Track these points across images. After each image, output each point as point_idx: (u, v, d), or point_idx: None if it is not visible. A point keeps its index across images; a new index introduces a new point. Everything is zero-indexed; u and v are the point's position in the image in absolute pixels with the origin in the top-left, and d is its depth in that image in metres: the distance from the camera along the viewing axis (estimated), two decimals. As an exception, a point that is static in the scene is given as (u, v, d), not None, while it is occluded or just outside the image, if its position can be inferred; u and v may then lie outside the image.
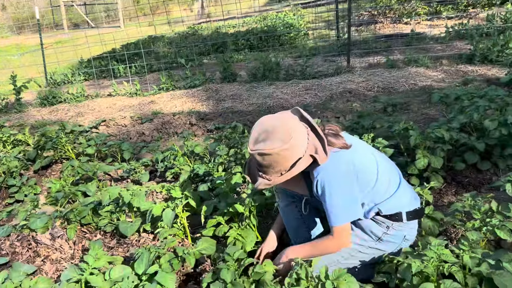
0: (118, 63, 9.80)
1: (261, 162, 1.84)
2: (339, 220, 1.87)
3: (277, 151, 1.77)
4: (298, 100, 5.94)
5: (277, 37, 10.89)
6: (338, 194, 1.84)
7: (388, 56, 7.21)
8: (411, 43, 8.51)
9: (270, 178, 1.88)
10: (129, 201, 2.62)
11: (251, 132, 1.87)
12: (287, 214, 2.26)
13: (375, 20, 12.14)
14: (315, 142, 1.83)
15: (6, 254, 2.60)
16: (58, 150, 4.36)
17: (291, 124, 1.84)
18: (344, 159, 1.88)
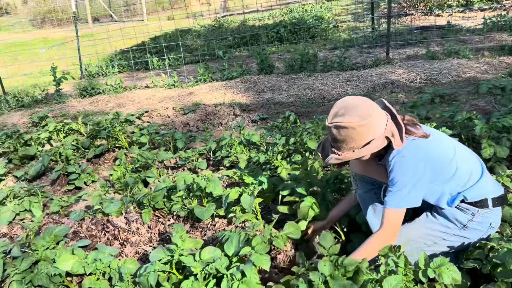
0: (152, 55, 9.87)
1: (336, 135, 1.86)
2: (395, 202, 1.88)
3: (353, 125, 1.80)
4: (340, 91, 5.92)
5: (307, 29, 10.84)
6: (404, 178, 1.85)
7: (428, 48, 7.12)
8: (447, 35, 8.39)
9: (341, 153, 1.91)
10: (204, 186, 2.65)
11: (332, 108, 1.91)
12: (366, 200, 2.27)
13: (405, 12, 11.99)
14: (393, 128, 1.86)
15: (84, 237, 2.66)
16: (110, 139, 4.43)
17: (372, 104, 1.88)
18: (422, 147, 1.89)
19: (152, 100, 6.73)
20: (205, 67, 7.57)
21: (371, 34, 9.18)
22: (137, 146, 4.31)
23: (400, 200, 1.87)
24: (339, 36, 10.23)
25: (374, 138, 1.84)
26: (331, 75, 6.61)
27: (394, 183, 1.87)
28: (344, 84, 6.18)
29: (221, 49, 9.88)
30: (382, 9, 12.79)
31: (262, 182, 2.65)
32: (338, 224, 2.41)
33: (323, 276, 1.79)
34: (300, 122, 4.37)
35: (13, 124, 6.32)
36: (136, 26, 9.78)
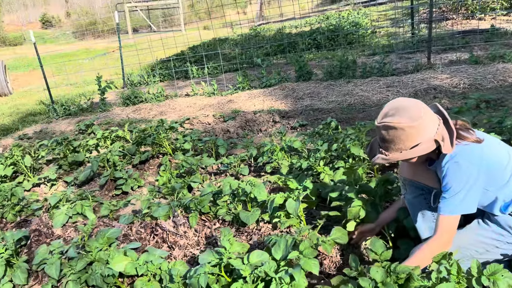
0: (191, 64, 10.09)
1: (385, 136, 1.86)
2: (450, 208, 1.84)
3: (403, 126, 1.79)
4: (380, 97, 5.86)
5: (345, 36, 10.80)
6: (459, 183, 1.82)
7: (471, 52, 6.95)
8: (491, 38, 8.16)
9: (388, 154, 1.90)
10: (250, 191, 2.70)
11: (382, 108, 1.91)
12: (415, 206, 2.24)
13: (446, 17, 11.74)
14: (444, 132, 1.84)
15: (134, 240, 2.75)
16: (155, 146, 4.56)
17: (424, 107, 1.86)
18: (475, 152, 1.86)
19: (192, 108, 6.87)
20: (244, 75, 7.67)
21: (411, 40, 9.05)
22: (181, 152, 4.41)
23: (454, 206, 1.84)
24: (378, 42, 10.13)
25: (422, 141, 1.83)
26: (371, 81, 6.56)
27: (448, 189, 1.84)
28: (384, 90, 6.11)
29: (258, 57, 9.99)
30: (421, 14, 12.57)
31: (307, 187, 2.67)
32: (386, 229, 2.39)
33: (373, 282, 1.78)
34: (341, 128, 4.35)
35: (61, 132, 6.60)
36: (175, 36, 10.01)
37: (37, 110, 8.93)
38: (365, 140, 3.43)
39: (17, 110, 9.43)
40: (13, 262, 2.62)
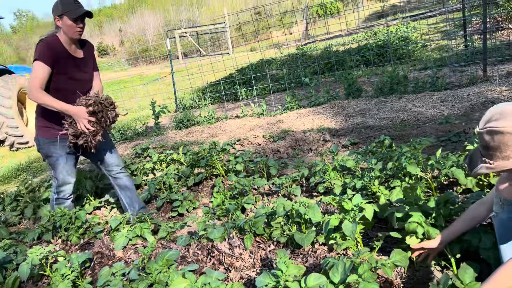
0: (240, 86, 10.28)
1: (489, 142, 1.74)
2: None
3: (510, 130, 1.66)
4: (435, 113, 5.69)
5: (394, 51, 10.63)
6: None
7: (531, 62, 6.63)
8: (552, 46, 7.76)
9: (493, 162, 1.77)
10: (304, 212, 2.69)
11: (484, 114, 1.79)
12: (507, 228, 2.05)
13: (501, 27, 11.28)
14: None
15: (192, 262, 2.81)
16: (208, 168, 4.66)
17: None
18: None
19: (242, 129, 6.97)
20: (292, 94, 7.71)
21: (465, 52, 8.76)
22: (233, 173, 4.48)
23: None
24: (429, 55, 9.89)
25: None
26: (423, 96, 6.39)
27: None
28: (439, 104, 5.93)
29: (306, 76, 10.02)
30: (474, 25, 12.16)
31: (363, 208, 2.62)
32: (448, 250, 2.29)
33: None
34: (395, 145, 4.26)
35: (119, 156, 6.88)
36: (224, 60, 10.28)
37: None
38: (422, 158, 3.34)
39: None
40: (79, 284, 2.74)
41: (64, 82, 3.39)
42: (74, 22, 3.27)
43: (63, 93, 3.38)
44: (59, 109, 3.25)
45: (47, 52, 3.24)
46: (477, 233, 2.30)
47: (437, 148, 4.25)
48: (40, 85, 3.21)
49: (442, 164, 3.23)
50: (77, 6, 3.31)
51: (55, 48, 3.30)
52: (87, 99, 3.34)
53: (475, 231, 2.32)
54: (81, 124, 3.29)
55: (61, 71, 3.35)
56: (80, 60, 3.51)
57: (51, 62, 3.25)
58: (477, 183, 3.06)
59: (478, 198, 2.67)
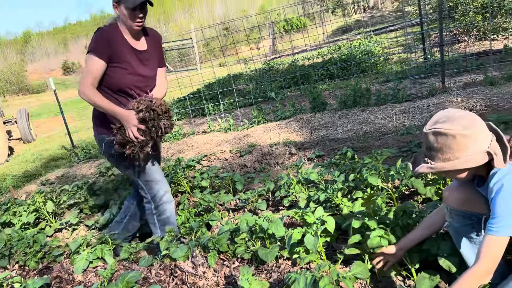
0: (207, 102, 10.27)
1: (433, 143, 1.79)
2: (499, 229, 1.72)
3: (454, 133, 1.72)
4: (396, 124, 5.83)
5: (357, 65, 10.88)
6: (508, 205, 1.71)
7: (486, 73, 6.90)
8: (505, 58, 8.11)
9: (434, 163, 1.82)
10: (267, 227, 2.67)
11: (433, 116, 1.86)
12: (461, 233, 2.14)
13: (458, 40, 11.75)
14: (497, 149, 1.76)
15: (154, 283, 2.74)
16: (173, 185, 4.59)
17: (478, 119, 1.79)
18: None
19: (209, 144, 6.93)
20: (259, 109, 7.75)
21: (424, 64, 9.05)
22: (199, 190, 4.43)
23: (504, 228, 1.72)
24: (391, 68, 10.16)
25: (473, 153, 1.75)
26: (386, 108, 6.54)
27: (497, 211, 1.74)
28: (400, 116, 6.08)
29: (272, 90, 10.11)
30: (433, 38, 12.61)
31: (325, 221, 2.63)
32: (408, 259, 2.32)
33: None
34: (358, 157, 4.32)
35: (83, 175, 6.72)
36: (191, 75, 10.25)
37: (59, 155, 9.15)
38: (382, 169, 3.39)
39: (40, 156, 9.68)
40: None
41: (123, 78, 2.95)
42: (131, 12, 2.80)
43: (121, 92, 2.99)
44: (107, 110, 2.87)
45: (102, 43, 2.82)
46: (435, 241, 2.35)
47: (398, 158, 4.35)
48: (92, 82, 2.83)
49: (402, 175, 3.30)
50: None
51: (112, 38, 2.86)
52: (138, 103, 2.91)
53: (434, 239, 2.37)
54: (129, 131, 2.86)
55: (120, 66, 2.91)
56: (143, 53, 3.04)
57: (107, 55, 2.84)
58: (436, 192, 3.13)
59: (434, 207, 2.74)
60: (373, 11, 32.00)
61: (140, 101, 2.91)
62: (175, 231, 3.16)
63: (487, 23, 10.80)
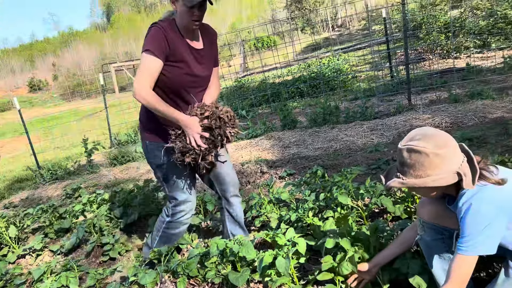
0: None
1: (406, 159, 1.83)
2: (468, 248, 1.77)
3: (427, 151, 1.76)
4: (365, 141, 5.91)
5: (327, 82, 11.04)
6: (478, 226, 1.76)
7: (450, 91, 7.12)
8: (468, 76, 8.40)
9: (406, 178, 1.86)
10: (237, 251, 2.63)
11: (408, 133, 1.90)
12: (432, 248, 2.17)
13: (423, 58, 12.13)
14: (466, 170, 1.80)
15: (121, 311, 2.64)
16: (142, 207, 4.49)
17: (452, 139, 1.84)
18: (494, 192, 1.80)
19: (180, 163, 6.84)
20: (230, 127, 7.72)
21: (391, 82, 9.28)
22: (168, 211, 4.34)
23: (473, 247, 1.77)
24: (359, 86, 10.36)
25: (444, 172, 1.79)
26: (354, 126, 6.64)
27: (466, 231, 1.78)
28: (368, 133, 6.18)
29: (243, 108, 10.12)
30: (399, 57, 12.98)
31: (296, 242, 2.61)
32: (381, 278, 2.32)
33: None
34: (328, 175, 4.34)
35: (48, 198, 6.50)
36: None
37: (24, 176, 8.85)
38: (352, 188, 3.41)
39: (4, 177, 9.34)
40: None
41: (179, 77, 2.74)
42: (189, 9, 2.59)
43: (175, 93, 2.79)
44: (168, 115, 2.64)
45: (159, 41, 2.62)
46: (405, 260, 2.36)
47: (367, 176, 4.39)
48: (149, 83, 2.62)
49: (372, 193, 3.33)
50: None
51: (169, 35, 2.65)
52: (202, 109, 2.71)
53: (404, 258, 2.38)
54: (192, 139, 2.66)
55: (177, 65, 2.71)
56: (200, 51, 2.82)
57: (164, 54, 2.63)
58: (404, 210, 3.17)
59: (405, 225, 2.77)
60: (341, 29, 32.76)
61: (203, 107, 2.74)
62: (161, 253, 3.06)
63: (450, 42, 11.19)
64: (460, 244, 1.80)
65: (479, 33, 11.28)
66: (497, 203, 1.77)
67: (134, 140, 9.48)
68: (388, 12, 11.92)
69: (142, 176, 6.62)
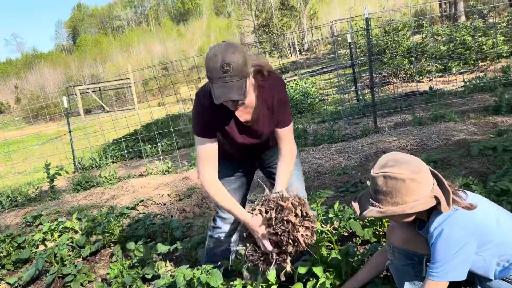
0: (145, 143, 10.01)
1: (382, 187, 1.79)
2: (439, 274, 1.76)
3: (404, 177, 1.74)
4: (333, 164, 5.95)
5: (294, 105, 11.16)
6: (449, 251, 1.76)
7: (414, 114, 7.30)
8: (431, 99, 8.66)
9: (383, 207, 1.82)
10: (206, 280, 2.54)
11: (378, 160, 1.86)
12: (402, 273, 2.17)
13: (388, 81, 12.47)
14: (439, 193, 1.79)
15: None
16: (106, 235, 4.32)
17: (423, 164, 1.83)
18: (465, 217, 1.81)
19: (147, 188, 6.69)
20: (198, 150, 7.63)
21: (357, 105, 9.46)
22: (134, 239, 4.19)
23: (444, 273, 1.76)
24: (326, 109, 10.51)
25: (420, 197, 1.77)
26: (322, 148, 6.69)
27: (437, 256, 1.77)
28: (336, 156, 6.23)
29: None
30: (365, 80, 13.30)
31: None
32: None
33: None
34: (298, 200, 4.31)
35: (7, 226, 6.18)
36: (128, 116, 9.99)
37: (-19, 203, 8.41)
38: (321, 211, 3.39)
39: (-41, 205, 8.85)
40: None
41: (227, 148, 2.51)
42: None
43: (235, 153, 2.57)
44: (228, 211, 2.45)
45: (199, 117, 2.34)
46: (376, 286, 2.34)
47: (336, 199, 4.40)
48: (207, 168, 2.36)
49: (341, 217, 3.32)
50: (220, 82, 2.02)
51: (207, 111, 2.31)
52: (263, 205, 2.25)
53: (374, 283, 2.36)
54: (260, 243, 2.26)
55: (221, 138, 2.43)
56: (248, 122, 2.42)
57: (210, 130, 2.36)
58: (373, 233, 3.17)
59: (375, 249, 2.76)
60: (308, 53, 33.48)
61: (266, 202, 2.24)
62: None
63: (413, 66, 11.57)
64: (431, 270, 1.79)
65: (440, 58, 11.72)
66: (468, 228, 1.78)
67: (99, 165, 9.23)
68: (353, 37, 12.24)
69: (107, 201, 6.41)
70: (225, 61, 1.94)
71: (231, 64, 1.95)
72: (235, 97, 2.02)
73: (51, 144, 16.41)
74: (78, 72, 48.79)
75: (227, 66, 1.95)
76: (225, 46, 2.00)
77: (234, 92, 2.00)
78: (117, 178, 7.61)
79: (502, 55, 10.97)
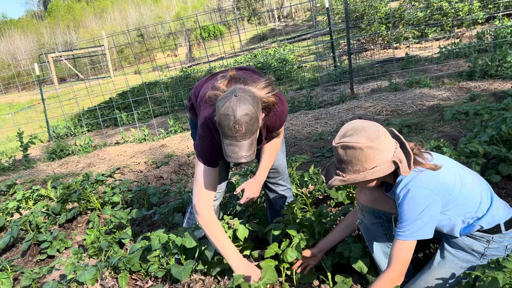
0: (120, 111, 9.85)
1: (342, 156, 1.83)
2: (406, 233, 1.82)
3: (361, 145, 1.77)
4: (310, 130, 5.99)
5: (273, 72, 11.09)
6: (415, 211, 1.81)
7: (390, 80, 7.35)
8: (407, 66, 8.72)
9: (346, 175, 1.87)
10: (180, 243, 2.57)
11: (340, 129, 1.89)
12: (372, 232, 2.23)
13: (365, 48, 12.46)
14: (401, 156, 1.83)
15: (58, 311, 2.51)
16: (82, 202, 4.30)
17: (382, 129, 1.85)
18: (430, 177, 1.85)
19: (123, 156, 6.63)
20: (175, 118, 7.58)
21: (335, 72, 9.45)
22: (110, 206, 4.18)
23: (411, 232, 1.81)
24: (304, 76, 10.48)
25: (381, 163, 1.81)
26: (299, 115, 6.71)
27: (404, 216, 1.82)
28: (313, 122, 6.26)
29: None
30: (343, 47, 13.26)
31: (236, 229, 2.59)
32: (325, 263, 2.35)
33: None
34: (274, 165, 4.35)
35: (-20, 195, 6.09)
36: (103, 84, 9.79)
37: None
38: (297, 176, 3.44)
39: None
40: None
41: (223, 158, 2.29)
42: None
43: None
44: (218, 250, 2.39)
45: (211, 147, 2.26)
46: (347, 244, 2.40)
47: (312, 164, 4.45)
48: (205, 199, 2.33)
49: (315, 180, 3.37)
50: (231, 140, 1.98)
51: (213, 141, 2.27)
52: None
53: (346, 242, 2.43)
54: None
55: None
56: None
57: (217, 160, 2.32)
58: (347, 195, 3.23)
59: (348, 210, 2.83)
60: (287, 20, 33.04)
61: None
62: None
63: (390, 33, 11.57)
64: (399, 230, 1.84)
65: (417, 24, 11.73)
66: (433, 188, 1.83)
67: (74, 133, 9.08)
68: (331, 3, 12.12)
69: (83, 169, 6.35)
70: (237, 122, 1.90)
71: (243, 126, 1.92)
72: (244, 159, 2.00)
73: (24, 113, 16.00)
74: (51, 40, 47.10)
75: (239, 127, 1.92)
76: (237, 102, 1.91)
77: (244, 151, 1.99)
78: (92, 146, 7.52)
79: (478, 21, 11.04)
